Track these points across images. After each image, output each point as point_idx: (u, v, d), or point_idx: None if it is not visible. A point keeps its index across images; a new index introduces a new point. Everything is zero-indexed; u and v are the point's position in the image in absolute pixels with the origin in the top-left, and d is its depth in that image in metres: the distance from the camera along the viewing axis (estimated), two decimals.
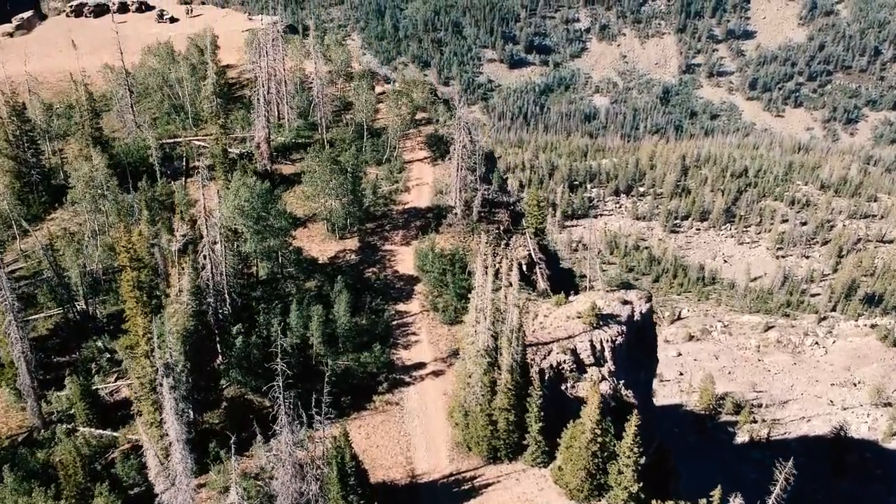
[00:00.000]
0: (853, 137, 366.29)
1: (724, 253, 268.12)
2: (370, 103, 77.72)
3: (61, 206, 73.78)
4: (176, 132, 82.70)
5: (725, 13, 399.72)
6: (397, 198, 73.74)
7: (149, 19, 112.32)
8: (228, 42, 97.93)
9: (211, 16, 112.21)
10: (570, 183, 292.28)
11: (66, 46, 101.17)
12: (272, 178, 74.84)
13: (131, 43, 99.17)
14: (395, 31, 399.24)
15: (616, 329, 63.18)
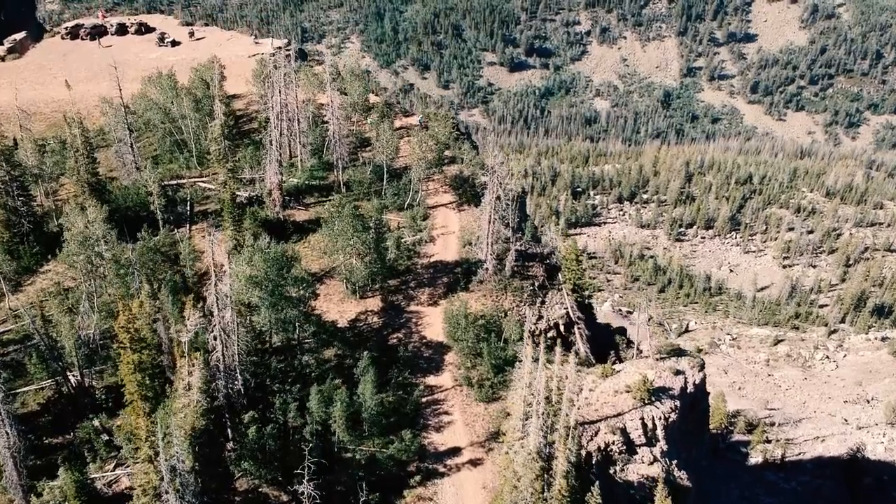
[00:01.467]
0: (855, 141, 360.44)
1: (730, 262, 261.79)
2: (391, 144, 70.57)
3: (55, 256, 66.74)
4: (179, 172, 75.63)
5: (727, 16, 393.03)
6: (422, 249, 66.74)
7: (149, 42, 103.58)
8: (234, 68, 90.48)
9: (215, 38, 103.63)
10: (572, 190, 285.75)
11: (61, 72, 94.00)
12: (284, 226, 67.96)
13: (130, 69, 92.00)
14: (394, 33, 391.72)
15: (669, 404, 56.49)
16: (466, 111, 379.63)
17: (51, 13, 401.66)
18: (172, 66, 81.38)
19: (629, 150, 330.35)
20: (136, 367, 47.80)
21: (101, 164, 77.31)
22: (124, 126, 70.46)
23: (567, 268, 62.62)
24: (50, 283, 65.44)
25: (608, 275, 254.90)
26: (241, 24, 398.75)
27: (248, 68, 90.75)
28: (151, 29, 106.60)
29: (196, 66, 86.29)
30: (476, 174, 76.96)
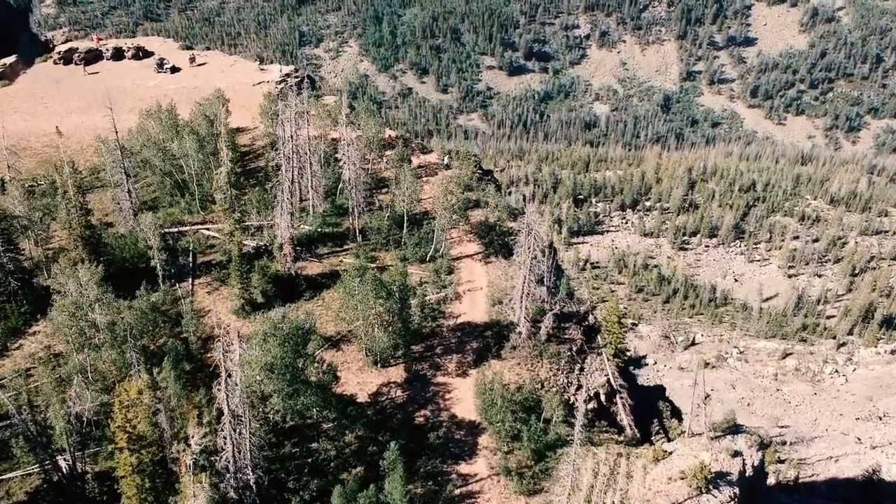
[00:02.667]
0: (855, 146, 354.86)
1: (735, 271, 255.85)
2: (413, 192, 63.66)
3: (45, 315, 60.08)
4: (180, 217, 69.01)
5: (726, 20, 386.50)
6: (448, 308, 60.22)
7: (147, 68, 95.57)
8: (239, 97, 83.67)
9: (217, 64, 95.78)
10: (574, 197, 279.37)
11: (53, 101, 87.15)
12: (296, 282, 61.43)
13: (127, 97, 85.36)
14: (392, 37, 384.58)
15: (728, 493, 50.18)
16: (465, 115, 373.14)
17: (46, 17, 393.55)
18: (172, 99, 74.59)
19: (630, 155, 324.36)
20: (135, 468, 41.31)
21: (95, 208, 70.86)
22: (121, 170, 63.75)
23: (608, 330, 56.38)
24: (39, 347, 58.93)
25: (612, 285, 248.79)
26: (238, 27, 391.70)
27: (252, 98, 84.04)
28: (149, 53, 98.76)
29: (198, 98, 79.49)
30: (503, 220, 70.34)
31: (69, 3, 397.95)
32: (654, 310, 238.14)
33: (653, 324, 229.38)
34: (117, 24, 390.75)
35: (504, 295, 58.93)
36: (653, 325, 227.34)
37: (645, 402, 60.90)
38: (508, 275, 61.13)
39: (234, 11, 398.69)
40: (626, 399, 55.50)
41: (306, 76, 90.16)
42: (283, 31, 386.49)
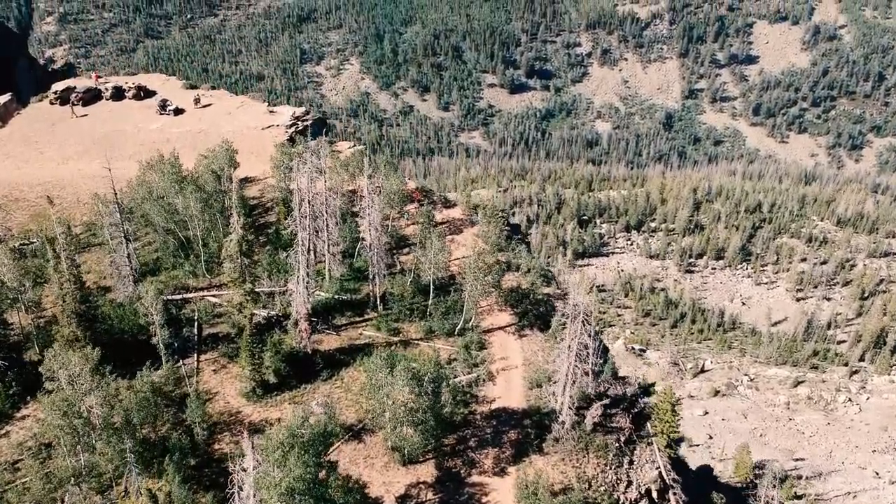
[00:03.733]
0: (858, 164, 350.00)
1: (742, 294, 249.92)
2: (440, 260, 57.04)
3: (35, 396, 53.64)
4: (184, 281, 62.62)
5: (728, 38, 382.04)
6: (481, 392, 53.74)
7: (149, 109, 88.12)
8: (246, 143, 77.13)
9: (223, 106, 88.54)
10: (579, 218, 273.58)
11: (49, 145, 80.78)
12: (313, 360, 55.11)
13: (128, 142, 79.14)
14: (394, 55, 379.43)
15: None
16: (467, 133, 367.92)
17: (47, 34, 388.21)
18: (175, 149, 68.19)
19: (633, 173, 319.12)
20: None
21: (91, 269, 64.55)
22: (120, 233, 57.45)
23: (659, 418, 50.19)
24: (27, 435, 52.49)
25: (619, 309, 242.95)
26: (239, 44, 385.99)
27: (261, 143, 77.76)
28: (151, 93, 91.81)
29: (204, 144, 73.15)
30: (537, 286, 63.93)
31: (70, 20, 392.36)
32: (662, 334, 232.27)
33: (661, 350, 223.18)
34: (118, 42, 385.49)
35: (543, 376, 52.67)
36: (661, 352, 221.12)
37: (696, 494, 54.69)
38: (546, 351, 54.92)
39: (235, 29, 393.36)
40: (679, 496, 49.35)
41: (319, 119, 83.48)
42: (284, 49, 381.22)
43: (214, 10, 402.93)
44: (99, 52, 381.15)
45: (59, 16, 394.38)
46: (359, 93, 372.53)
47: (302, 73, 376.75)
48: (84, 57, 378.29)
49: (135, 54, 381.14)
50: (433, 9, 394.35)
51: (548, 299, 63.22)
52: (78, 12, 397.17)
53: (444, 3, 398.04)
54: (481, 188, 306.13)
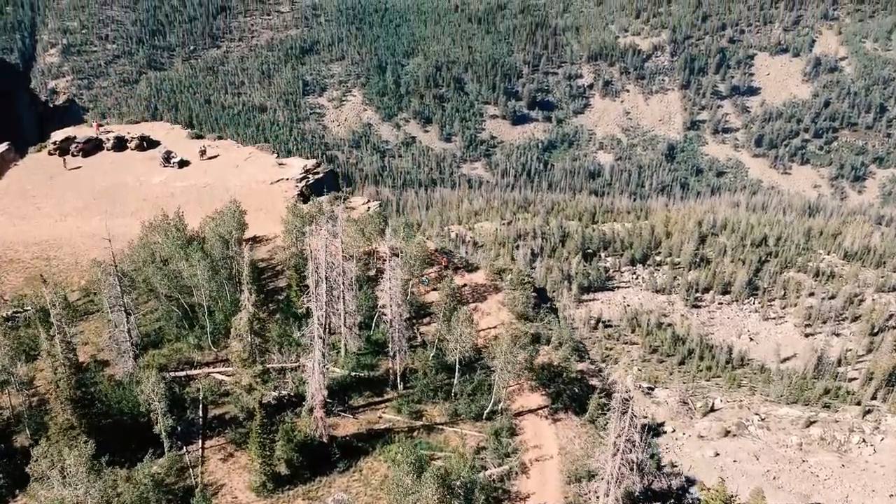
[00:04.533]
0: (861, 195, 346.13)
1: (750, 330, 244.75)
2: (467, 340, 51.93)
3: (24, 488, 48.67)
4: (189, 354, 57.84)
5: (729, 69, 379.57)
6: (513, 486, 48.63)
7: (152, 161, 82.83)
8: (255, 198, 72.27)
9: (230, 157, 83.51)
10: (583, 251, 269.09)
11: (46, 200, 76.21)
12: (329, 448, 50.23)
13: (130, 196, 74.56)
14: (396, 86, 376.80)
15: None
16: (469, 164, 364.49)
17: (50, 66, 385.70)
18: (180, 208, 63.71)
19: (636, 205, 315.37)
20: None
21: (89, 339, 59.81)
22: (120, 307, 52.78)
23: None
24: None
25: (625, 345, 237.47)
26: (241, 76, 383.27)
27: (270, 198, 73.15)
28: (155, 143, 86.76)
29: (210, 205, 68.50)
30: (570, 361, 58.84)
31: (73, 52, 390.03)
32: (670, 371, 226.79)
33: (669, 388, 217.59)
34: (120, 73, 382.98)
35: (582, 469, 47.69)
36: (670, 390, 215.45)
37: None
38: (582, 438, 50.03)
39: (238, 60, 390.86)
40: None
41: (330, 171, 78.71)
42: (286, 81, 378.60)
43: (217, 42, 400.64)
44: (101, 84, 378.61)
45: (62, 47, 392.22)
46: (361, 124, 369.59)
47: (304, 104, 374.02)
48: (87, 88, 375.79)
49: (137, 86, 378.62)
50: (435, 41, 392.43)
51: (582, 377, 58.24)
52: (81, 44, 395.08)
53: (446, 35, 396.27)
54: (484, 220, 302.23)
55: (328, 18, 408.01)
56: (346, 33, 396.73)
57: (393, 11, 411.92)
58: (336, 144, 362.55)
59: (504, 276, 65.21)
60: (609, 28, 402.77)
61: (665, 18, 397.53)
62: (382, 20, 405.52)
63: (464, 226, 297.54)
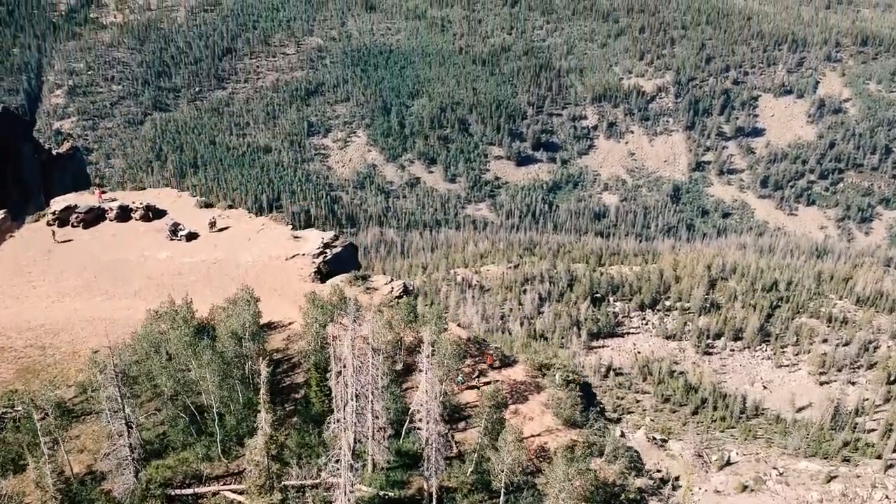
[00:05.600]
0: (868, 237, 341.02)
1: (763, 377, 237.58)
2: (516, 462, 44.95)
3: None
4: (196, 464, 51.27)
5: (734, 111, 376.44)
6: None
7: (158, 233, 75.31)
8: (269, 276, 65.75)
9: (241, 229, 76.50)
10: (592, 296, 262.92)
11: (43, 277, 69.86)
12: None
13: (134, 274, 68.20)
14: (400, 127, 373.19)
15: None
16: (473, 205, 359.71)
17: (55, 106, 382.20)
18: (188, 295, 57.71)
19: (643, 247, 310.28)
20: None
21: (84, 445, 53.23)
22: (121, 418, 46.33)
23: None
24: None
25: (637, 394, 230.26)
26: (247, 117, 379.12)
27: (286, 277, 66.81)
28: (161, 212, 79.74)
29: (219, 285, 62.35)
30: (627, 478, 51.63)
31: (79, 93, 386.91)
32: (684, 422, 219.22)
33: (684, 439, 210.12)
34: (126, 115, 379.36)
35: None
36: (684, 442, 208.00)
37: None
38: None
39: (243, 102, 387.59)
40: None
41: (349, 245, 72.35)
42: (291, 122, 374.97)
43: (223, 84, 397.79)
44: (106, 125, 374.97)
45: (68, 88, 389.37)
46: (365, 165, 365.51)
47: (309, 145, 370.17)
48: (92, 129, 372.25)
49: (142, 127, 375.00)
50: (440, 83, 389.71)
51: (641, 497, 51.34)
52: (87, 85, 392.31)
53: (450, 76, 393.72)
54: (490, 263, 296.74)
55: (333, 60, 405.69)
56: (351, 75, 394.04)
57: (398, 54, 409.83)
58: (340, 185, 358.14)
59: (546, 371, 58.66)
60: (613, 70, 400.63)
61: (669, 60, 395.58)
62: (387, 62, 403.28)
63: (470, 269, 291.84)
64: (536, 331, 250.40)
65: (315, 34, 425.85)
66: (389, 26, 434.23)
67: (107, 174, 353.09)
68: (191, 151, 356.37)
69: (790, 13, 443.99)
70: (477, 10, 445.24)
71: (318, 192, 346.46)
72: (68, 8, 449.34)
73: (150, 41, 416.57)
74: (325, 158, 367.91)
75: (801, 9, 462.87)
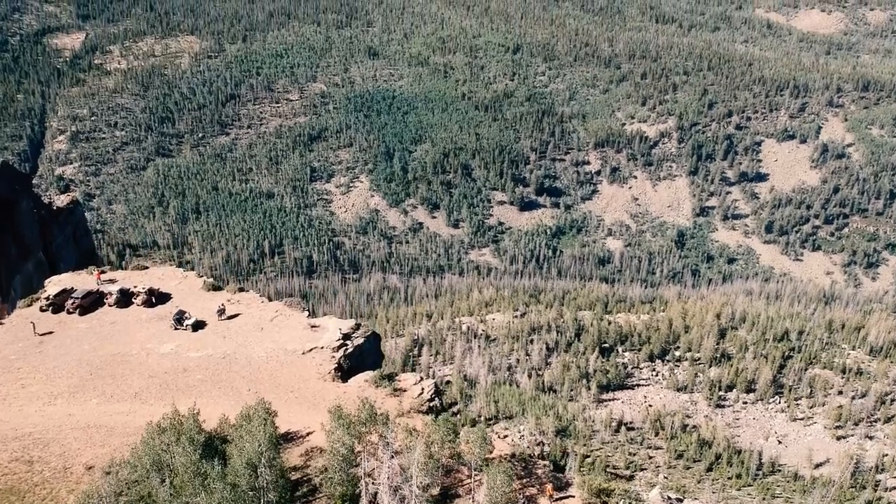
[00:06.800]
0: (875, 282, 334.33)
1: (778, 432, 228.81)
2: None
3: None
4: None
5: (737, 156, 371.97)
6: None
7: (161, 322, 67.35)
8: (285, 374, 58.38)
9: (253, 316, 67.94)
10: (600, 346, 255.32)
11: (34, 374, 62.48)
12: None
13: (134, 373, 60.73)
14: (403, 172, 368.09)
15: None
16: (477, 251, 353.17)
17: (58, 152, 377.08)
18: (195, 404, 50.61)
19: (649, 293, 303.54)
20: None
21: None
22: None
23: None
24: None
25: (649, 450, 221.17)
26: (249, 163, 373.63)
27: (303, 375, 59.69)
28: (165, 296, 71.43)
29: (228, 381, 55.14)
30: None
31: (81, 139, 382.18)
32: (698, 479, 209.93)
33: (699, 498, 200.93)
34: (128, 160, 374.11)
35: None
36: (700, 501, 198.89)
37: None
38: None
39: (246, 147, 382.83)
40: None
41: (372, 334, 64.91)
42: (294, 167, 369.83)
43: (226, 130, 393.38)
44: (109, 171, 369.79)
45: (70, 134, 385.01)
46: (368, 210, 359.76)
47: (312, 190, 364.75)
48: (94, 175, 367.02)
49: (145, 172, 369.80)
50: (442, 128, 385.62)
51: None
52: (90, 131, 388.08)
53: (453, 122, 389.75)
54: (496, 311, 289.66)
55: (336, 106, 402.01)
56: (354, 120, 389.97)
57: (401, 99, 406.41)
58: (343, 231, 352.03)
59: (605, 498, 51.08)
60: (615, 115, 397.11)
61: (671, 105, 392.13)
62: (390, 108, 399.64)
63: (475, 317, 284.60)
64: (545, 383, 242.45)
65: (318, 80, 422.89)
66: (392, 72, 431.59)
67: (108, 220, 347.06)
68: (193, 197, 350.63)
69: (791, 59, 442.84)
70: (479, 56, 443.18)
71: (321, 238, 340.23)
72: (73, 54, 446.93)
73: (154, 87, 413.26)
74: (327, 204, 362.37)
75: (802, 55, 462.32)
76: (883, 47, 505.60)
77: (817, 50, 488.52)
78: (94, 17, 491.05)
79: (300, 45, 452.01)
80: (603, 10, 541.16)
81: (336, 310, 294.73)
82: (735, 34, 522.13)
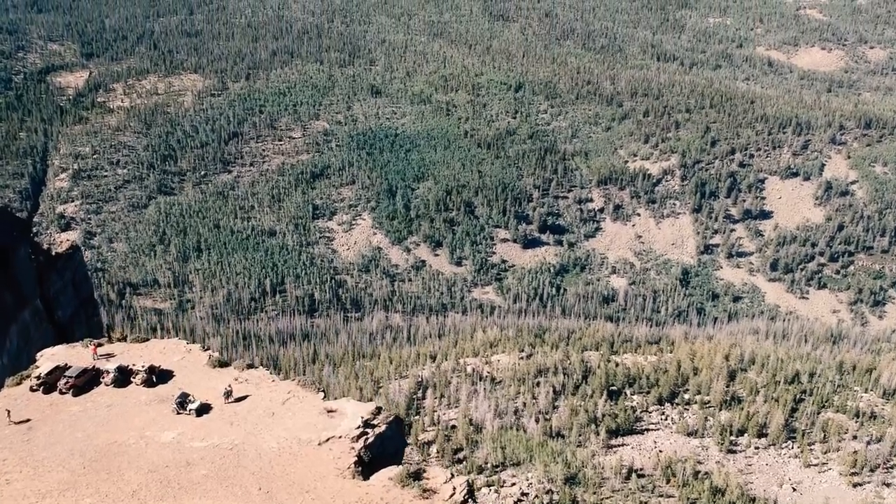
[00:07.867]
0: (882, 320, 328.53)
1: (791, 478, 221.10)
2: None
3: None
4: None
5: (741, 193, 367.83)
6: None
7: (163, 404, 59.22)
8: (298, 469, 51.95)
9: (262, 399, 60.44)
10: (608, 389, 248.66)
11: (20, 467, 56.07)
12: None
13: (131, 467, 54.14)
14: (406, 210, 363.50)
15: None
16: (480, 289, 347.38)
17: (59, 190, 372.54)
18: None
19: (655, 333, 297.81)
20: None
21: None
22: None
23: None
24: None
25: (661, 498, 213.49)
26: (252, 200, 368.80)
27: (318, 470, 53.55)
28: (167, 374, 64.35)
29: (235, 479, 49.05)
30: None
31: (83, 177, 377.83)
32: None
33: None
34: (130, 198, 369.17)
35: None
36: None
37: None
38: None
39: (248, 185, 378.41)
40: None
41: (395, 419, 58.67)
42: (296, 205, 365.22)
43: (228, 167, 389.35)
44: (110, 209, 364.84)
45: (72, 172, 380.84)
46: (370, 248, 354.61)
47: (314, 228, 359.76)
48: (95, 213, 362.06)
49: (146, 210, 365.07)
50: (445, 166, 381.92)
51: None
52: (92, 168, 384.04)
53: (455, 160, 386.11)
54: (501, 352, 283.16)
55: (339, 144, 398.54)
56: (357, 158, 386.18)
57: (403, 137, 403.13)
58: (345, 268, 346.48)
59: None
60: (618, 153, 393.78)
61: (674, 143, 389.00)
62: (392, 146, 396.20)
63: (480, 358, 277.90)
64: (552, 428, 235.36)
65: (321, 118, 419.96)
66: (395, 110, 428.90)
67: (109, 258, 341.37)
68: (195, 235, 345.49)
69: (792, 96, 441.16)
70: (482, 94, 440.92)
71: (323, 276, 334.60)
72: (76, 92, 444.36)
73: (157, 125, 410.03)
74: (329, 241, 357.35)
75: (804, 92, 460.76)
76: (884, 85, 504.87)
77: (818, 87, 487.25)
78: (97, 56, 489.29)
79: (303, 84, 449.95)
80: (604, 48, 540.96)
81: (338, 350, 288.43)
82: (736, 72, 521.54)
